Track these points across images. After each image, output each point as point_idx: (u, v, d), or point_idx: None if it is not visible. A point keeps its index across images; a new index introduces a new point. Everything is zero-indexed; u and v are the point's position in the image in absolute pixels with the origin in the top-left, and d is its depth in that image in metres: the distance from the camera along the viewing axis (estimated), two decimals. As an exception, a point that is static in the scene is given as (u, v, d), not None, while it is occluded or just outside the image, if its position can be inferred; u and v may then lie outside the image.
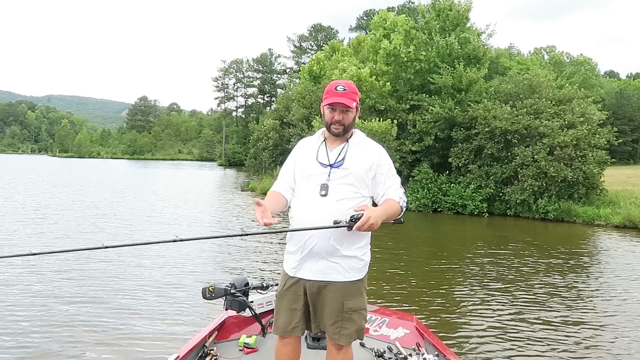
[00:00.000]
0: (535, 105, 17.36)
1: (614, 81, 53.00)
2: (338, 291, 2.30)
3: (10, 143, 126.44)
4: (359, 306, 2.34)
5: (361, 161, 2.34)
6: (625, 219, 14.31)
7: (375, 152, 2.39)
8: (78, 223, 12.18)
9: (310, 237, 2.30)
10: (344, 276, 2.30)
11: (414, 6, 44.01)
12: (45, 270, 7.41)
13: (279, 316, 2.46)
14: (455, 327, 5.53)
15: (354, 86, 2.42)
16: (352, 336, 2.35)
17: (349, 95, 2.34)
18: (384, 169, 2.36)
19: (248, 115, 72.98)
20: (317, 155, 2.41)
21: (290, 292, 2.41)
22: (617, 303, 6.75)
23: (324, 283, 2.32)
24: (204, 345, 3.06)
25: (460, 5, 20.28)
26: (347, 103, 2.33)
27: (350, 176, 2.32)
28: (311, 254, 2.31)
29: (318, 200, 2.30)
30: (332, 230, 2.24)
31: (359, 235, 2.30)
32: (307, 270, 2.34)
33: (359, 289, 2.35)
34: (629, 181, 21.90)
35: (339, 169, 2.33)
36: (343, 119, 2.35)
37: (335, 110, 2.35)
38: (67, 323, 5.24)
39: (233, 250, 9.64)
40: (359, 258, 2.34)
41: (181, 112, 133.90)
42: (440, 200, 17.56)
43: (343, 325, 2.32)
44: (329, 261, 2.30)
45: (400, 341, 3.28)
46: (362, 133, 2.50)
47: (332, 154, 2.38)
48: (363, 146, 2.40)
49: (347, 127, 2.38)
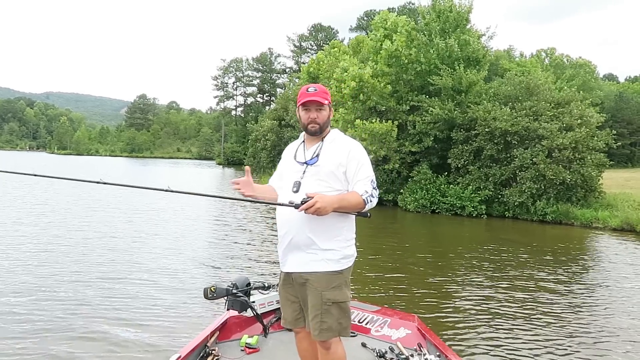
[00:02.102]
0: (534, 108, 17.40)
1: (613, 84, 53.11)
2: (318, 281, 2.39)
3: (9, 140, 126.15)
4: (338, 298, 2.38)
5: (332, 157, 2.44)
6: (623, 222, 14.35)
7: (346, 148, 2.46)
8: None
9: (287, 231, 2.44)
10: (323, 267, 2.38)
11: (414, 7, 44.06)
12: (45, 270, 7.40)
13: (283, 310, 2.63)
14: (456, 328, 5.55)
15: (324, 87, 2.55)
16: (331, 331, 2.38)
17: (320, 94, 2.47)
18: (353, 164, 2.42)
19: (247, 114, 72.98)
20: (295, 154, 2.58)
21: (285, 286, 2.56)
22: (615, 305, 6.78)
23: (305, 275, 2.41)
24: (206, 345, 3.08)
25: (461, 6, 20.32)
26: (320, 100, 2.45)
27: (321, 172, 2.43)
28: (291, 246, 2.43)
29: (290, 196, 2.43)
30: (307, 222, 2.34)
31: (336, 228, 2.40)
32: (290, 263, 2.47)
33: (338, 280, 2.40)
34: (627, 184, 21.95)
35: (313, 166, 2.46)
36: (317, 117, 2.48)
37: (310, 110, 2.48)
38: (67, 323, 5.23)
39: (235, 250, 9.64)
40: (337, 250, 2.40)
41: (180, 110, 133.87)
42: (438, 201, 17.57)
43: (322, 319, 2.37)
44: (307, 253, 2.40)
45: (401, 341, 3.30)
46: (338, 131, 2.61)
47: (309, 153, 2.52)
48: (337, 143, 2.51)
49: (323, 126, 2.50)
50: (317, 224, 2.35)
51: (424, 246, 11.65)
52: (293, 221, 2.41)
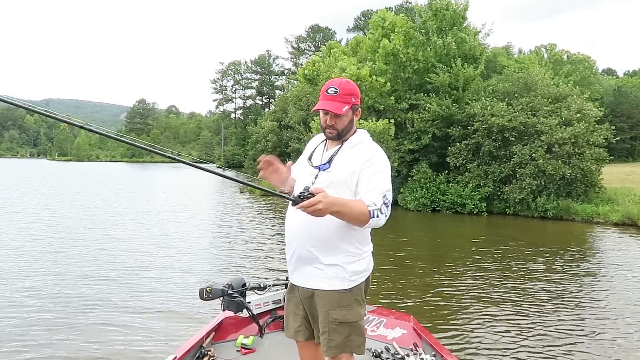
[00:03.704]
0: (532, 103, 17.38)
1: (612, 79, 53.06)
2: (324, 299, 2.19)
3: (9, 147, 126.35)
4: (346, 318, 2.17)
5: (347, 165, 2.17)
6: (624, 217, 14.33)
7: (364, 156, 2.16)
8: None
9: (290, 241, 2.24)
10: (328, 284, 2.16)
11: (410, 6, 44.08)
12: (44, 270, 7.40)
13: (286, 319, 2.45)
14: (453, 328, 5.53)
15: (350, 86, 2.22)
16: (339, 349, 2.19)
17: (340, 98, 2.16)
18: (366, 172, 2.12)
19: (246, 117, 72.99)
20: (312, 155, 2.34)
21: (292, 297, 2.37)
22: (617, 300, 6.76)
23: (311, 291, 2.23)
24: (201, 346, 3.06)
25: (457, 5, 20.33)
26: (334, 110, 2.14)
27: (332, 179, 2.17)
28: (297, 259, 2.23)
29: None
30: (309, 235, 2.16)
31: (342, 242, 2.16)
32: (297, 276, 2.27)
33: (346, 300, 2.17)
34: (628, 178, 21.92)
35: (324, 172, 2.21)
36: (335, 123, 2.19)
37: (328, 114, 2.20)
38: (63, 323, 5.23)
39: (231, 251, 9.64)
40: (342, 267, 2.16)
41: (180, 114, 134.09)
42: (439, 199, 17.56)
43: (330, 336, 2.20)
44: (313, 267, 2.19)
45: (397, 341, 3.28)
46: (365, 134, 2.30)
47: (326, 156, 2.26)
48: (357, 149, 2.21)
49: (342, 131, 2.21)
50: (320, 237, 2.13)
51: (423, 245, 11.64)
52: (295, 232, 2.21)
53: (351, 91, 2.20)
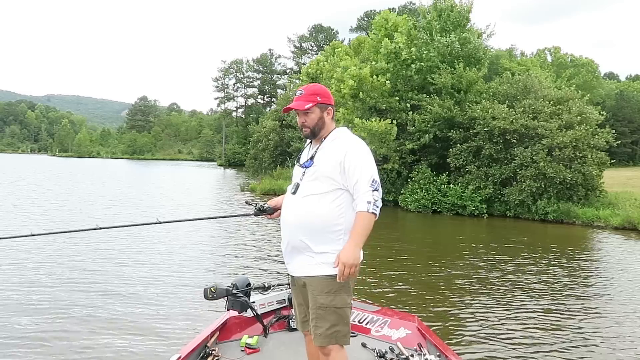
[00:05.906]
0: (533, 106, 17.37)
1: (614, 83, 53.00)
2: (313, 285, 2.34)
3: (10, 142, 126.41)
4: (333, 304, 2.29)
5: (329, 158, 2.37)
6: (624, 221, 14.32)
7: (343, 149, 2.35)
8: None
9: (283, 235, 2.45)
10: (318, 271, 2.32)
11: (414, 7, 44.07)
12: (44, 272, 7.41)
13: (294, 312, 2.65)
14: (457, 328, 5.54)
15: (315, 87, 2.47)
16: (325, 337, 2.30)
17: (304, 97, 2.40)
18: (350, 161, 2.32)
19: (248, 115, 73.01)
20: (300, 157, 2.56)
21: (294, 289, 2.55)
22: (617, 304, 6.76)
23: (303, 279, 2.39)
24: (206, 346, 3.08)
25: (462, 6, 20.31)
26: (298, 107, 2.39)
27: (317, 174, 2.37)
28: (290, 250, 2.42)
29: (290, 198, 2.45)
30: (300, 226, 2.34)
31: (331, 232, 2.32)
32: (292, 266, 2.46)
33: (335, 285, 2.29)
34: (629, 183, 21.92)
35: (310, 168, 2.42)
36: (305, 121, 2.42)
37: (299, 114, 2.43)
38: (67, 324, 5.24)
39: (235, 251, 9.65)
40: (331, 254, 2.31)
41: (181, 112, 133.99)
42: (439, 201, 17.55)
43: (317, 323, 2.31)
44: (305, 255, 2.36)
45: (402, 342, 3.29)
46: (344, 130, 2.50)
47: (310, 154, 2.48)
48: (337, 143, 2.41)
49: (314, 129, 2.43)
50: (311, 227, 2.31)
51: (424, 246, 11.65)
52: (288, 224, 2.40)
53: (316, 91, 2.43)
